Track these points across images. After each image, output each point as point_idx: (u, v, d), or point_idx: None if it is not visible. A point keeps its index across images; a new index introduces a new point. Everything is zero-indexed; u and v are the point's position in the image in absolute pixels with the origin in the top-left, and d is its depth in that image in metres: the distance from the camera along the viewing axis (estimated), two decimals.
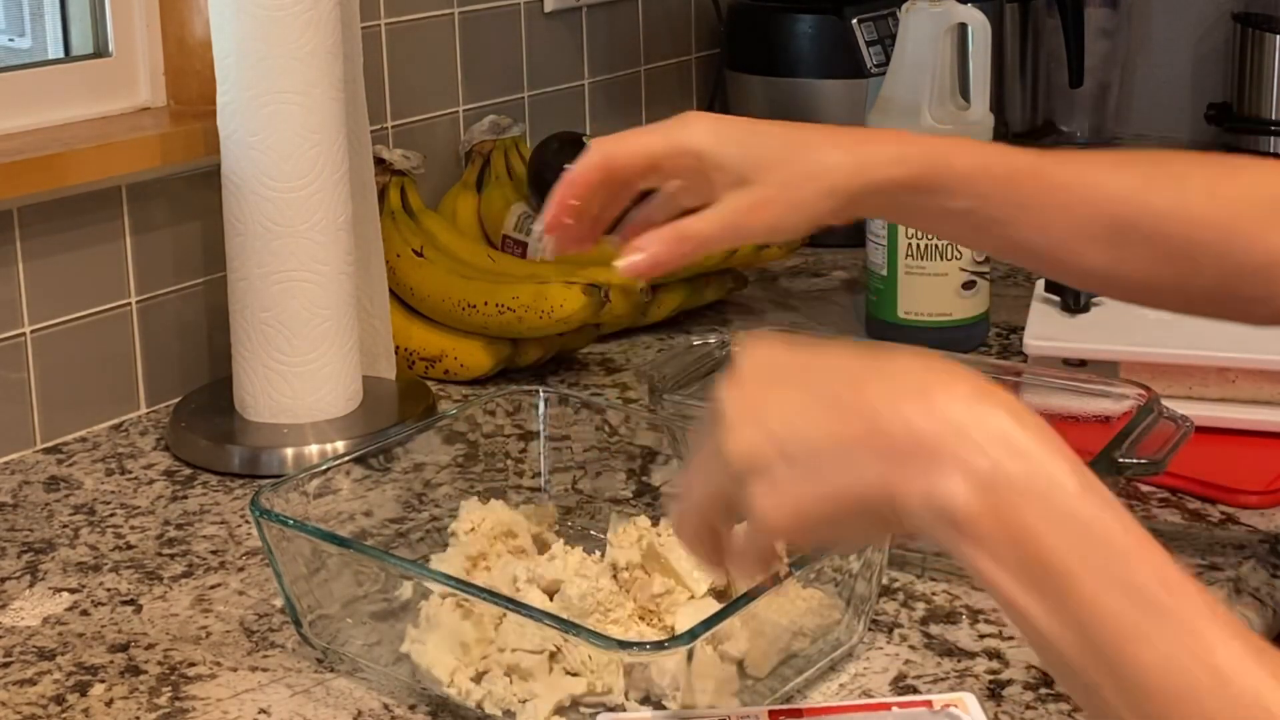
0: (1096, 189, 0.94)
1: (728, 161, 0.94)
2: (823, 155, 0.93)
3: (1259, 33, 2.14)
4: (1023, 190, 0.94)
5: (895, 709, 0.76)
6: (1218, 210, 0.93)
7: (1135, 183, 0.94)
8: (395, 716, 0.91)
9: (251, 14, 1.22)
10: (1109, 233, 0.94)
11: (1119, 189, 0.94)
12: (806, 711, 0.75)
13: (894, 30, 1.62)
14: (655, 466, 1.17)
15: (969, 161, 0.93)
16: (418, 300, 1.46)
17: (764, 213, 0.93)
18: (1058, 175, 0.94)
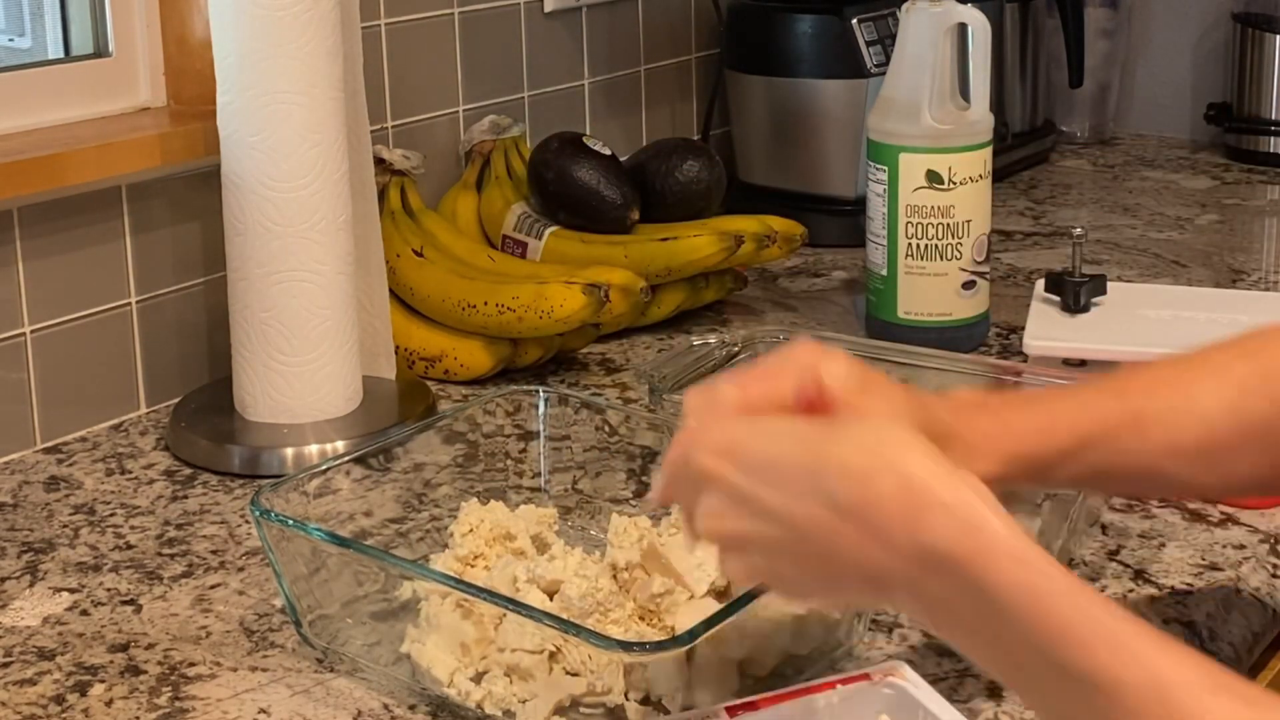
0: (1194, 417, 0.90)
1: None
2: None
3: (1259, 33, 2.14)
4: (1124, 442, 0.89)
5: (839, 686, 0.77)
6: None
7: (1230, 397, 0.90)
8: (395, 716, 0.91)
9: (251, 14, 1.22)
10: (1221, 456, 0.91)
11: (1215, 411, 0.90)
12: (761, 703, 0.75)
13: (894, 30, 1.62)
14: (655, 466, 1.17)
15: (1068, 434, 0.88)
16: (418, 300, 1.46)
17: None
18: (1151, 415, 0.90)
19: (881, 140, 1.45)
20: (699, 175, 1.62)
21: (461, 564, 1.00)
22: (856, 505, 0.69)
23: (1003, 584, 0.65)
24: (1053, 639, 0.64)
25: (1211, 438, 0.90)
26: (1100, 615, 0.64)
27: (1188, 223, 1.90)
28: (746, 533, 0.73)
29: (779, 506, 0.71)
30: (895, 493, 0.68)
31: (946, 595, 0.67)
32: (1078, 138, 2.31)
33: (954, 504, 0.68)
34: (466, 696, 0.89)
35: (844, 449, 0.71)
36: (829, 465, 0.71)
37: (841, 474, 0.70)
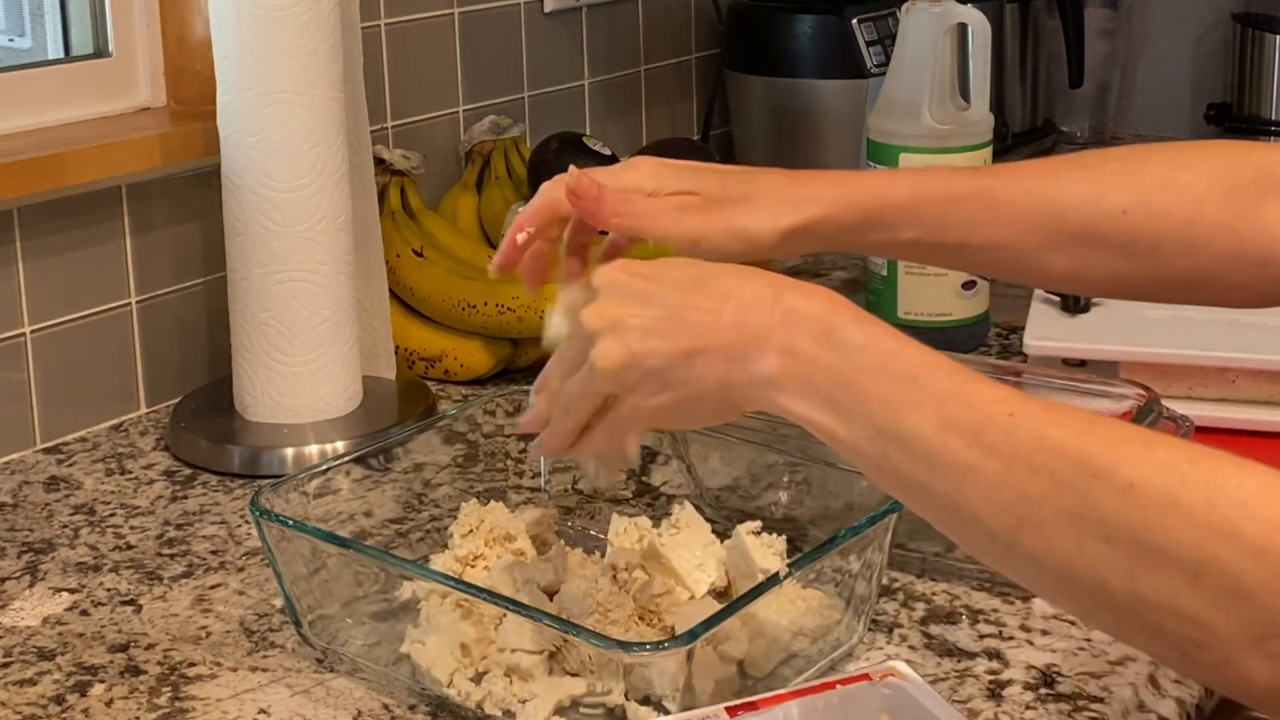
0: (1047, 201, 0.95)
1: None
2: (764, 202, 0.95)
3: (1259, 33, 2.14)
4: (968, 212, 0.96)
5: (839, 686, 0.77)
6: (1177, 201, 0.94)
7: (1086, 187, 0.95)
8: (395, 716, 0.91)
9: (251, 14, 1.22)
10: (1068, 240, 0.95)
11: (1070, 197, 0.95)
12: (760, 703, 0.76)
13: (894, 30, 1.62)
14: (655, 466, 1.17)
15: (907, 194, 0.96)
16: (418, 300, 1.46)
17: (711, 226, 0.95)
18: (1003, 192, 0.96)
19: (881, 140, 1.45)
20: None
21: (461, 564, 1.00)
22: (732, 290, 0.79)
23: (843, 321, 0.76)
24: (878, 354, 0.75)
25: (1059, 220, 0.95)
26: (912, 341, 0.75)
27: None
28: (630, 311, 0.80)
29: (665, 293, 0.80)
30: (765, 284, 0.79)
31: (799, 341, 0.76)
32: (1078, 138, 2.31)
33: (810, 287, 0.78)
34: (466, 696, 0.89)
35: (721, 268, 0.81)
36: (711, 273, 0.81)
37: (720, 277, 0.80)
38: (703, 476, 1.12)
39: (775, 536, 0.98)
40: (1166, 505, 0.65)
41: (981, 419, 0.70)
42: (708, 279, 0.80)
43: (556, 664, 0.88)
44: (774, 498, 1.09)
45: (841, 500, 1.01)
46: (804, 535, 1.04)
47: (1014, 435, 0.69)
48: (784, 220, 0.94)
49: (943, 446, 0.71)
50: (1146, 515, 0.65)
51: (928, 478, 0.72)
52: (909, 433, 0.72)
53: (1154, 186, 0.94)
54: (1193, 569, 0.64)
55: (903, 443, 0.73)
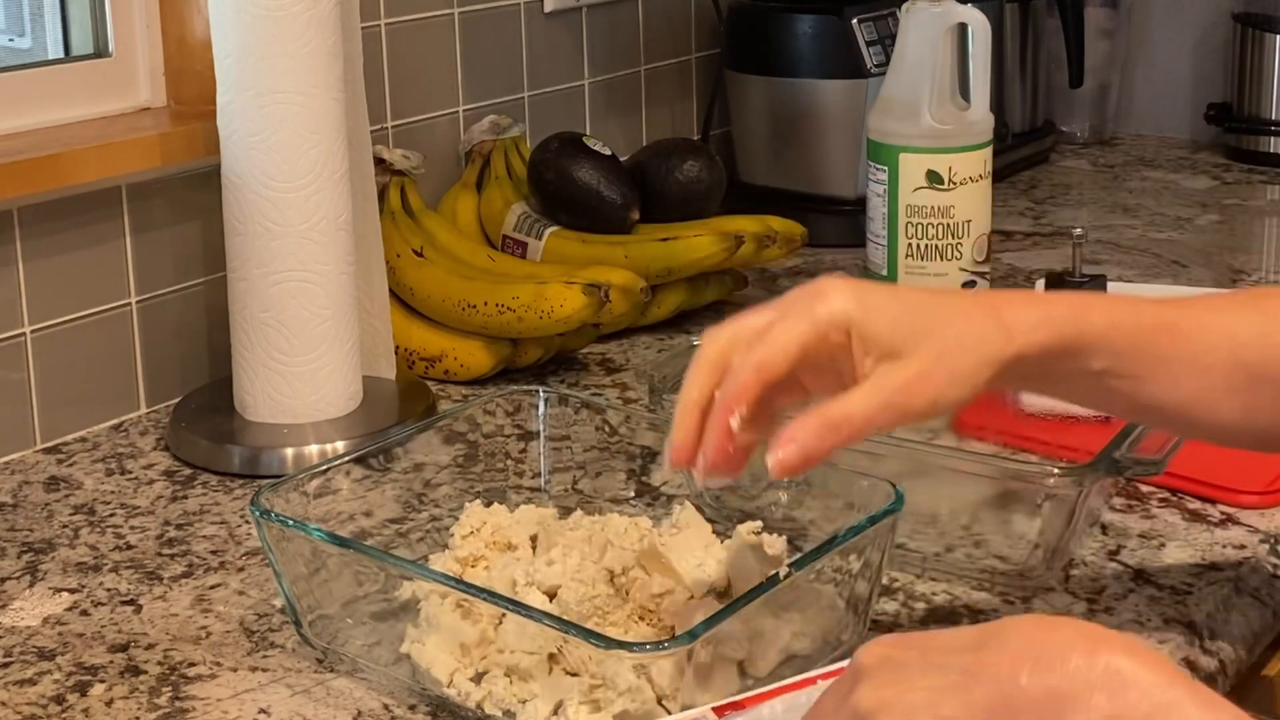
0: (1225, 337, 0.90)
1: (879, 334, 0.85)
2: (974, 324, 0.86)
3: (1259, 33, 2.14)
4: (1156, 345, 0.89)
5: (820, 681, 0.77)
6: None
7: (1263, 325, 0.90)
8: (395, 716, 0.91)
9: (251, 14, 1.22)
10: (1241, 382, 0.90)
11: (1247, 333, 0.90)
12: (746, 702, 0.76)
13: (894, 30, 1.62)
14: (655, 466, 1.17)
15: (1104, 319, 0.89)
16: (418, 300, 1.46)
17: (924, 388, 0.85)
18: (1186, 326, 0.90)
19: (881, 140, 1.46)
20: (699, 175, 1.62)
21: (461, 565, 1.00)
22: (1032, 646, 0.67)
23: (1183, 703, 0.64)
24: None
25: (1238, 359, 0.90)
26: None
27: (1188, 223, 1.90)
28: (908, 689, 0.68)
29: (945, 657, 0.68)
30: (1074, 635, 0.67)
31: (1122, 712, 0.64)
32: (1078, 138, 2.31)
33: (1128, 643, 0.66)
34: (466, 697, 0.89)
35: (1012, 621, 0.69)
36: (997, 628, 0.69)
37: (1012, 625, 0.68)
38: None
39: (775, 536, 0.98)
40: None
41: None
42: (994, 633, 0.68)
43: (556, 664, 0.88)
44: (774, 498, 1.09)
45: (841, 500, 1.01)
46: (804, 535, 1.04)
47: None
48: (1009, 349, 0.86)
49: None
50: None
51: None
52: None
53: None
54: None
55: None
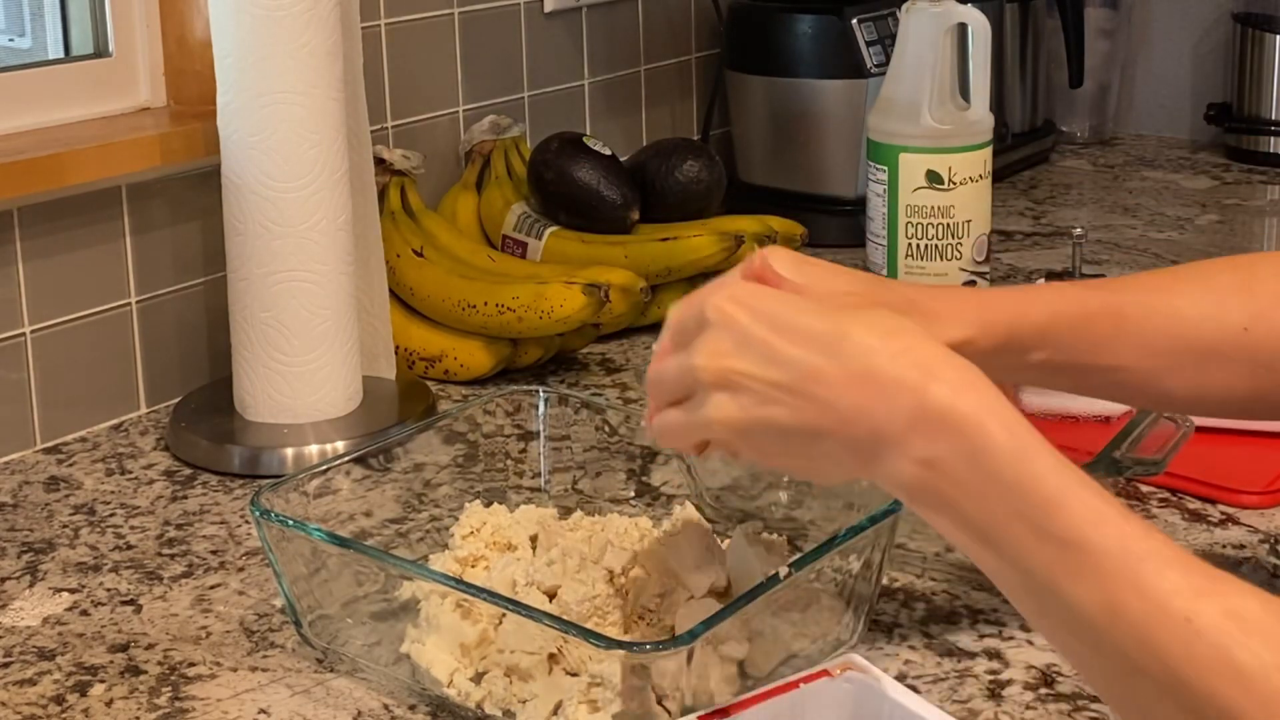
0: (1171, 319, 0.92)
1: None
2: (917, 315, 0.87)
3: (1259, 33, 2.14)
4: (1098, 332, 0.91)
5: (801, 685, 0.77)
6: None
7: (1209, 304, 0.92)
8: (395, 716, 0.91)
9: (251, 14, 1.22)
10: (1191, 359, 0.92)
11: (1192, 314, 0.92)
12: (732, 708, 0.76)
13: (894, 30, 1.62)
14: (655, 466, 1.17)
15: (1044, 312, 0.91)
16: (418, 300, 1.46)
17: None
18: (1131, 310, 0.92)
19: (881, 140, 1.46)
20: (699, 175, 1.62)
21: (461, 565, 1.00)
22: (870, 369, 0.72)
23: (994, 445, 0.69)
24: (1034, 500, 0.68)
25: (1185, 340, 0.92)
26: (1078, 485, 0.69)
27: (1188, 223, 1.90)
28: (748, 370, 0.74)
29: (790, 354, 0.73)
30: (905, 361, 0.72)
31: (938, 454, 0.70)
32: (1078, 138, 2.31)
33: (959, 374, 0.72)
34: (466, 697, 0.89)
35: (860, 323, 0.74)
36: (847, 331, 0.74)
37: (860, 341, 0.73)
38: (703, 476, 1.12)
39: (776, 536, 0.98)
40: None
41: (1153, 615, 0.65)
42: (846, 339, 0.73)
43: (556, 664, 0.88)
44: (774, 498, 1.09)
45: (841, 500, 1.01)
46: (804, 535, 1.04)
47: (1191, 648, 0.64)
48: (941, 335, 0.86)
49: (1108, 632, 0.66)
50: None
51: (1092, 657, 0.68)
52: (1070, 602, 0.67)
53: (1271, 300, 0.92)
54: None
55: (1064, 609, 0.68)
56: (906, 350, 0.73)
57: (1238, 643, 0.63)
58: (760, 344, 0.75)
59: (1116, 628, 0.66)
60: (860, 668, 0.79)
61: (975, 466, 0.70)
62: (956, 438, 0.70)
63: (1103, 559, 0.67)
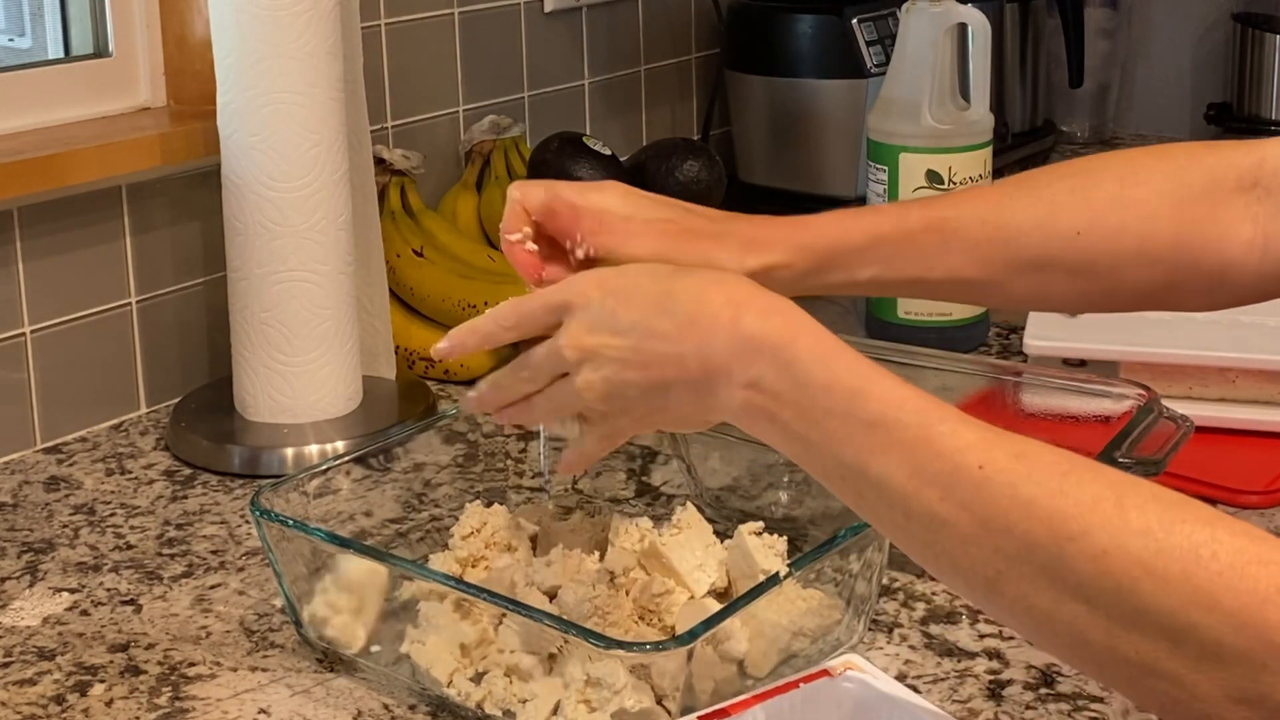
0: (1000, 229, 0.96)
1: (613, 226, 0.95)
2: (731, 242, 0.95)
3: (1259, 33, 2.14)
4: (924, 246, 0.96)
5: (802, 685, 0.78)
6: (1129, 217, 0.94)
7: (1039, 212, 0.96)
8: (395, 716, 0.91)
9: (251, 14, 1.22)
10: (1026, 266, 0.96)
11: (1023, 223, 0.96)
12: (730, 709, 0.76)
13: (894, 30, 1.62)
14: (655, 466, 1.17)
15: (862, 235, 0.97)
16: (418, 300, 1.46)
17: None
18: (956, 223, 0.96)
19: (881, 140, 1.45)
20: (699, 175, 1.62)
21: (461, 565, 1.00)
22: (693, 315, 0.80)
23: (801, 355, 0.77)
24: (840, 394, 0.75)
25: (1015, 246, 0.96)
26: (879, 375, 0.76)
27: None
28: (604, 344, 0.82)
29: (634, 321, 0.82)
30: (724, 303, 0.80)
31: (757, 375, 0.78)
32: (1078, 138, 2.30)
33: (765, 302, 0.80)
34: (466, 697, 0.89)
35: (685, 280, 0.83)
36: (674, 289, 0.82)
37: (683, 294, 0.81)
38: (703, 476, 1.12)
39: (776, 536, 0.98)
40: (1142, 575, 0.65)
41: (950, 470, 0.71)
42: (671, 296, 0.82)
43: (556, 664, 0.88)
44: (774, 498, 1.09)
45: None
46: (804, 535, 1.04)
47: (985, 490, 0.70)
48: (748, 262, 0.94)
49: (915, 495, 0.72)
50: (1121, 582, 0.65)
51: (905, 522, 0.73)
52: (880, 478, 0.73)
53: (1106, 205, 0.95)
54: (1170, 635, 0.64)
55: (875, 487, 0.73)
56: (721, 293, 0.80)
57: (1023, 478, 0.69)
58: (609, 315, 0.83)
59: (921, 491, 0.71)
60: (860, 668, 0.79)
61: (788, 377, 0.77)
62: (769, 355, 0.78)
63: (904, 432, 0.73)
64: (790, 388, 0.77)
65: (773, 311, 0.79)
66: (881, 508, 0.74)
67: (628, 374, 0.82)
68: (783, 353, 0.77)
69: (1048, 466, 0.69)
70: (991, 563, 0.69)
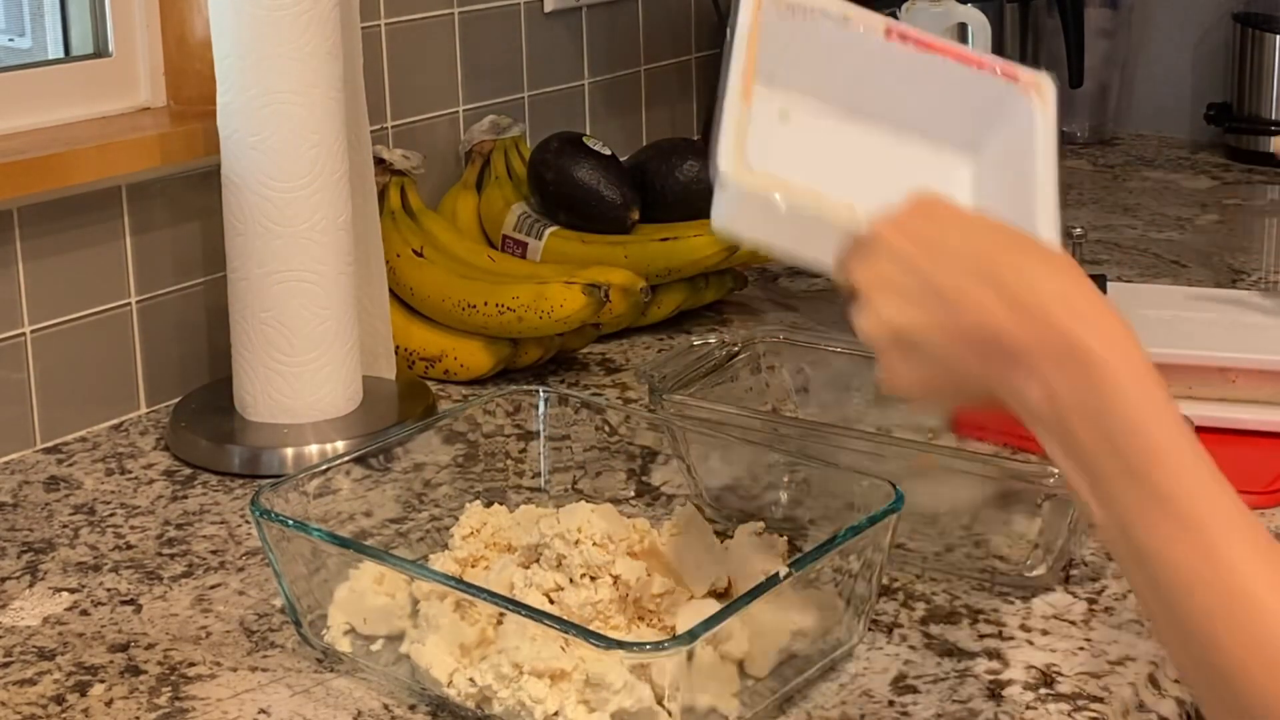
0: None
1: None
2: None
3: (1259, 33, 2.14)
4: None
5: (998, 72, 0.76)
6: None
7: None
8: (395, 716, 0.91)
9: (251, 14, 1.22)
10: None
11: None
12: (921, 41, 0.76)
13: None
14: (655, 466, 1.17)
15: None
16: (418, 300, 1.46)
17: None
18: None
19: None
20: (699, 175, 1.62)
21: (460, 566, 1.00)
22: (1021, 293, 0.75)
23: (1125, 395, 0.72)
24: (1147, 457, 0.71)
25: None
26: (1198, 461, 0.71)
27: (1188, 223, 1.90)
28: (896, 279, 0.78)
29: (943, 272, 0.77)
30: (1060, 294, 0.75)
31: (1069, 388, 0.73)
32: (1078, 138, 2.31)
33: (1110, 321, 0.74)
34: (466, 697, 0.89)
35: (1023, 254, 0.77)
36: (1005, 256, 0.77)
37: (1014, 266, 0.76)
38: (703, 476, 1.12)
39: (776, 536, 0.98)
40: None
41: (1234, 593, 0.68)
42: (997, 265, 0.77)
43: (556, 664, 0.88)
44: (774, 498, 1.09)
45: (841, 500, 1.01)
46: (804, 535, 1.04)
47: (1253, 629, 0.68)
48: None
49: (1187, 598, 0.69)
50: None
51: (1163, 612, 0.71)
52: (1158, 561, 0.71)
53: None
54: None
55: (1149, 568, 0.71)
56: (1062, 284, 0.76)
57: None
58: (917, 262, 0.78)
59: (1194, 601, 0.69)
60: (1043, 99, 0.78)
61: (1098, 417, 0.73)
62: (1088, 379, 0.73)
63: (1198, 532, 0.69)
64: (1091, 425, 0.73)
65: (1110, 332, 0.74)
66: (1145, 587, 0.72)
67: (911, 312, 0.78)
68: (1100, 386, 0.73)
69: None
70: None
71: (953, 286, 0.77)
